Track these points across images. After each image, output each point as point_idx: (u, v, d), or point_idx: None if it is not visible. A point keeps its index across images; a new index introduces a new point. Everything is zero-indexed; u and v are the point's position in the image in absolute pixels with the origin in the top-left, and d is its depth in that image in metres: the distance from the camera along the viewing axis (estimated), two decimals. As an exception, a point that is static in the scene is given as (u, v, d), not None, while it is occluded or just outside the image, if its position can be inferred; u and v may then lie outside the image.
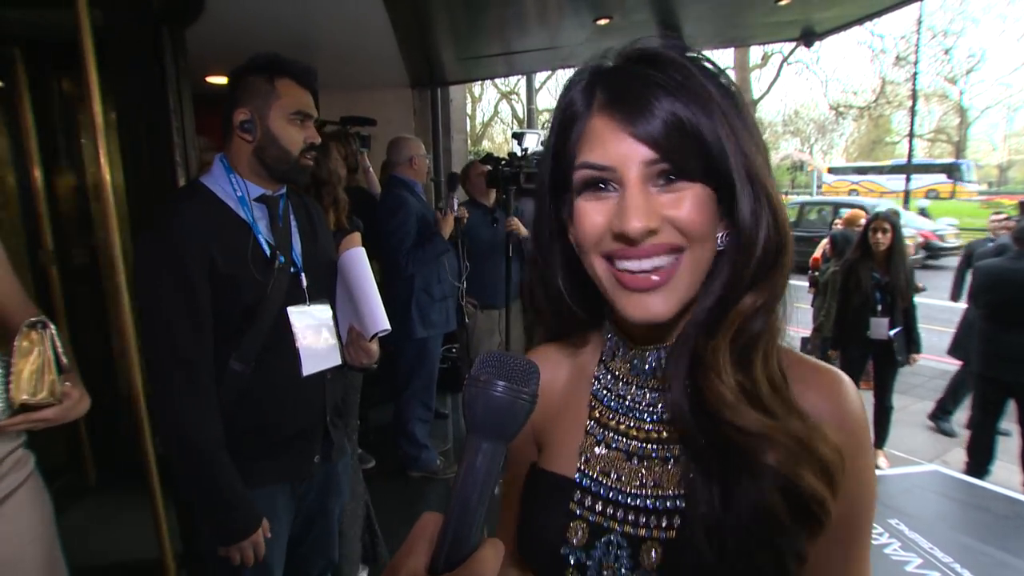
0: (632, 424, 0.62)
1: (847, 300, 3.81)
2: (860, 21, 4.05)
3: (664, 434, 0.60)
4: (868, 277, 3.71)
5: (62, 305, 3.08)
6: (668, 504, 0.58)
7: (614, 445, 0.63)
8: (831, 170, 30.89)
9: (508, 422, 0.45)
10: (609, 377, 0.66)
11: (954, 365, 4.94)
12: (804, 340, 5.12)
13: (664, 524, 0.58)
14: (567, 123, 0.59)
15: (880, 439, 3.95)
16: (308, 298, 1.44)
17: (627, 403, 0.63)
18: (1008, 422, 3.56)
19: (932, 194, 23.04)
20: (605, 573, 0.59)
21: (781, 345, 0.59)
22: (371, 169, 3.69)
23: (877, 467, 3.81)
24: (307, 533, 1.57)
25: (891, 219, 3.71)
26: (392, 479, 3.45)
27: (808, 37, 4.26)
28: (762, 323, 0.56)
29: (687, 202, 0.53)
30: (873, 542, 2.79)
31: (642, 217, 0.52)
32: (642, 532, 0.58)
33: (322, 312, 1.48)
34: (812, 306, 5.11)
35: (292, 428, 1.44)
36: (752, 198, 0.54)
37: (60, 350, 1.13)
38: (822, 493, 0.52)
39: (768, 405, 0.53)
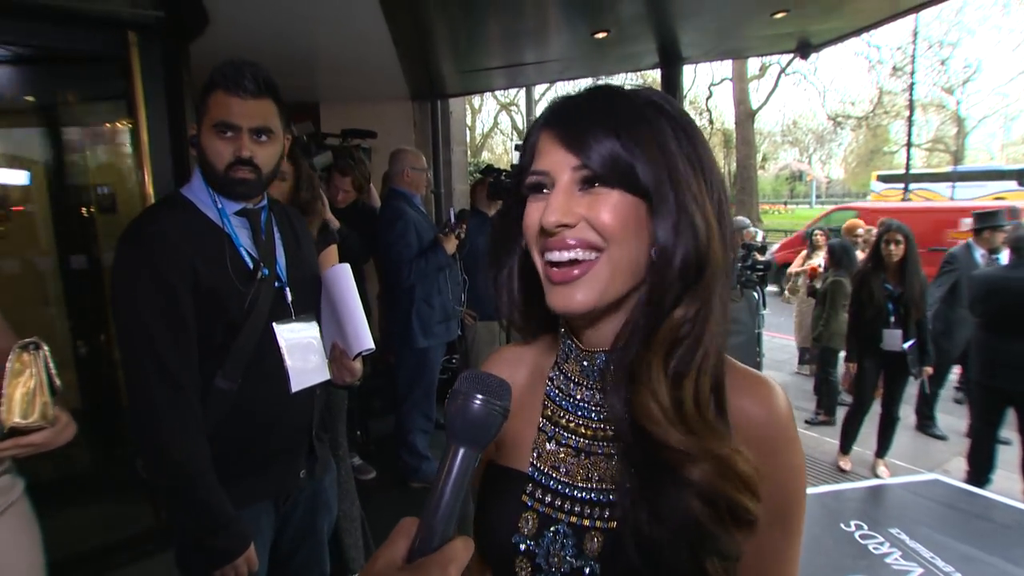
0: (581, 423, 0.68)
1: (860, 312, 3.77)
2: (856, 33, 4.08)
3: (609, 432, 0.65)
4: (880, 288, 3.68)
5: (64, 313, 3.10)
6: (611, 497, 0.63)
7: (564, 442, 0.68)
8: (880, 177, 28.73)
9: (483, 431, 0.52)
10: (562, 378, 0.71)
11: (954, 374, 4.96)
12: (803, 351, 5.12)
13: (607, 515, 0.63)
14: (528, 135, 0.68)
15: (883, 449, 3.95)
16: (294, 313, 1.41)
17: (576, 402, 0.69)
18: (1008, 431, 3.56)
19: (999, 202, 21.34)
20: (552, 560, 0.65)
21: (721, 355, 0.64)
22: (371, 182, 3.72)
23: (877, 476, 3.80)
24: (297, 550, 1.55)
25: (904, 230, 3.68)
26: (392, 490, 3.44)
27: (804, 49, 4.30)
28: (692, 337, 0.60)
29: (604, 204, 0.60)
30: (874, 551, 2.80)
31: (557, 212, 0.60)
32: (586, 523, 0.64)
33: (308, 328, 1.45)
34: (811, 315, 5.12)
35: (279, 445, 1.41)
36: (673, 217, 0.59)
37: (54, 372, 1.11)
38: (745, 503, 0.57)
39: (690, 424, 0.58)
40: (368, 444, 3.94)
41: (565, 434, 0.69)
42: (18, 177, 3.02)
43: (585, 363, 0.68)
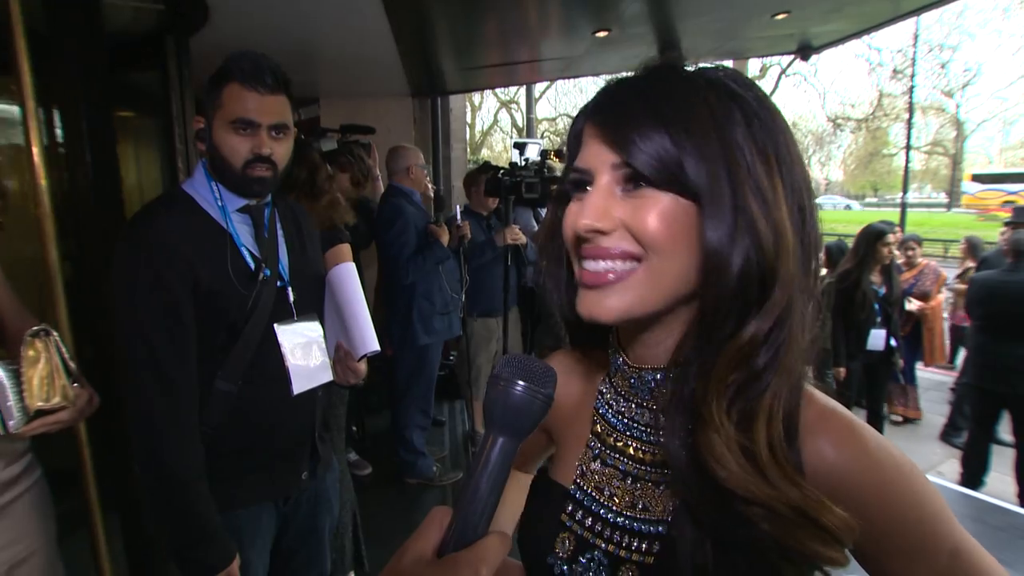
0: (629, 443, 0.62)
1: (854, 314, 3.75)
2: (857, 35, 4.08)
3: (659, 456, 0.59)
4: (871, 290, 3.74)
5: (65, 309, 3.09)
6: (651, 529, 0.58)
7: (610, 462, 0.63)
8: (975, 177, 25.01)
9: (524, 420, 0.48)
10: (612, 392, 0.65)
11: (949, 376, 4.97)
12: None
13: (644, 548, 0.58)
14: (573, 126, 0.60)
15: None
16: (295, 313, 1.38)
17: (626, 420, 0.63)
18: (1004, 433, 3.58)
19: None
20: None
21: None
22: (380, 177, 3.70)
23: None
24: (299, 549, 1.53)
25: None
26: (388, 486, 3.45)
27: (805, 50, 4.30)
28: (762, 368, 0.52)
29: (649, 211, 0.52)
30: (867, 552, 2.78)
31: (591, 216, 0.53)
32: (623, 553, 0.59)
33: (311, 328, 1.42)
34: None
35: (281, 446, 1.39)
36: (729, 221, 0.50)
37: (67, 355, 1.17)
38: (829, 554, 0.50)
39: (767, 472, 0.50)
40: (364, 440, 3.94)
41: (612, 454, 0.63)
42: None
43: (633, 379, 0.62)
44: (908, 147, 16.01)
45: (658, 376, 0.59)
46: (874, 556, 0.55)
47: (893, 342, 3.81)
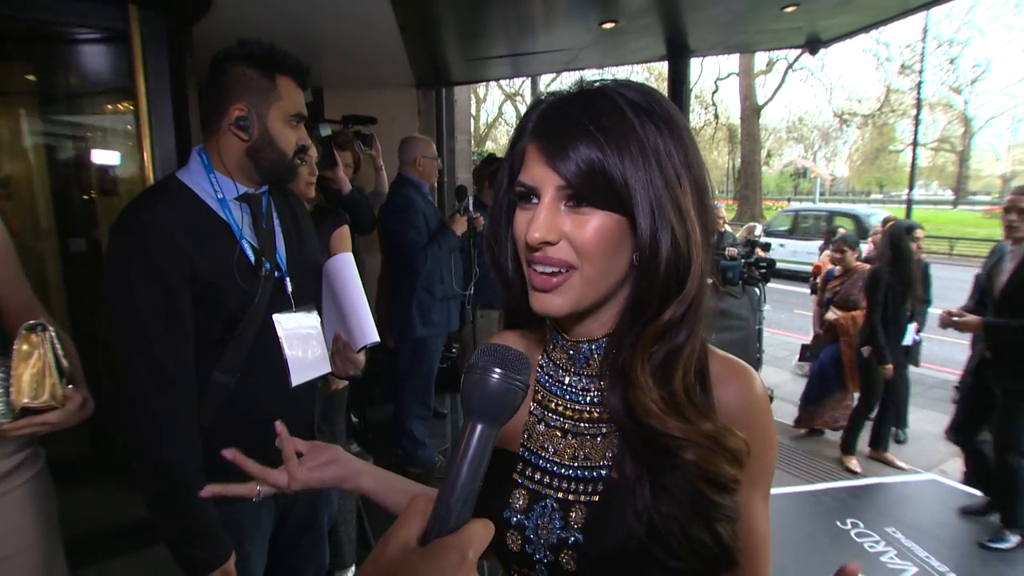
0: (568, 405, 0.73)
1: (900, 310, 3.72)
2: (866, 29, 4.04)
3: (595, 414, 0.71)
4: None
5: (63, 297, 3.09)
6: (594, 474, 0.69)
7: (552, 423, 0.74)
8: None
9: (502, 407, 0.51)
10: (551, 365, 0.76)
11: (954, 374, 4.95)
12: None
13: (590, 490, 0.69)
14: (518, 137, 0.70)
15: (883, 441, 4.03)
16: (294, 304, 1.36)
17: (564, 387, 0.74)
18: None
19: None
20: (541, 532, 0.70)
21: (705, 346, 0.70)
22: (383, 167, 3.68)
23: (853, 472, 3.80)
24: (298, 542, 1.52)
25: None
26: (390, 478, 3.45)
27: (813, 44, 4.26)
28: (679, 339, 0.66)
29: (588, 227, 0.63)
30: (869, 549, 2.81)
31: (540, 230, 0.63)
32: (571, 497, 0.69)
33: (309, 319, 1.40)
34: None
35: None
36: (652, 224, 0.62)
37: (60, 353, 1.13)
38: (734, 474, 0.64)
39: (685, 413, 0.64)
40: (366, 431, 3.95)
41: (553, 416, 0.74)
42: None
43: (571, 352, 0.73)
44: (915, 144, 15.94)
45: (593, 347, 0.71)
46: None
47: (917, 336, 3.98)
